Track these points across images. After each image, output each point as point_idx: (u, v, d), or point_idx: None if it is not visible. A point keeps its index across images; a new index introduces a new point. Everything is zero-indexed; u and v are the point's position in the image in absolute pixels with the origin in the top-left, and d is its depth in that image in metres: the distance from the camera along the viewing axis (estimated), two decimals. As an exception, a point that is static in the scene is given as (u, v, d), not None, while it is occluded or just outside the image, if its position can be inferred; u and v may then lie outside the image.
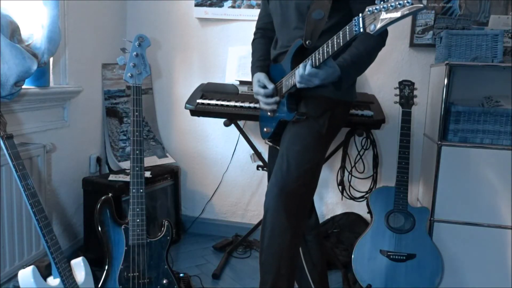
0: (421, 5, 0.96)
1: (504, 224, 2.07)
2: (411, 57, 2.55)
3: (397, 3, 0.99)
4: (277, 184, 1.50)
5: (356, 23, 1.11)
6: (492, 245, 2.09)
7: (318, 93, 1.52)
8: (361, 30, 1.10)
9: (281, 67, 1.58)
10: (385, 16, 1.02)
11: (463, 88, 2.38)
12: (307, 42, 1.42)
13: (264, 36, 1.79)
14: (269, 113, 1.64)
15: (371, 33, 1.06)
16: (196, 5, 2.74)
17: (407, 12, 0.98)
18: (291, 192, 1.49)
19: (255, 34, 1.83)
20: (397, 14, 0.99)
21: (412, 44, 2.52)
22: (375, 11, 1.04)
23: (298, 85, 1.40)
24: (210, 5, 2.72)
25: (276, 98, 1.57)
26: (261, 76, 1.62)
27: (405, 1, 0.97)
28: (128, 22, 2.89)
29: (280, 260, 1.51)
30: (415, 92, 2.10)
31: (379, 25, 1.04)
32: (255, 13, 2.64)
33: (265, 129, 1.72)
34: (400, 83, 2.11)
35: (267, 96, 1.59)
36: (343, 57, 1.43)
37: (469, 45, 2.11)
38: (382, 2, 1.03)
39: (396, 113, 2.45)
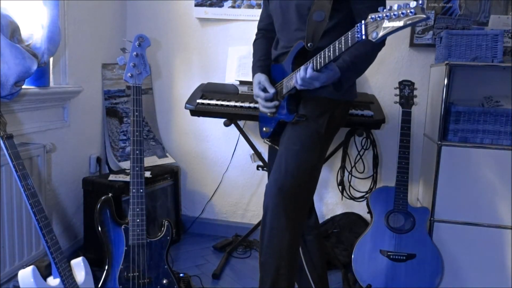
0: (424, 16, 0.97)
1: (504, 224, 2.07)
2: (411, 57, 2.55)
3: (400, 12, 0.99)
4: (275, 184, 1.50)
5: (358, 30, 1.11)
6: (492, 245, 2.09)
7: (318, 94, 1.53)
8: (363, 37, 1.10)
9: (282, 68, 1.58)
10: (387, 24, 1.02)
11: (463, 88, 2.38)
12: (308, 45, 1.42)
13: (266, 37, 1.79)
14: (269, 114, 1.64)
15: (373, 40, 1.06)
16: (196, 5, 2.74)
17: (410, 22, 0.98)
18: (290, 192, 1.49)
19: (256, 34, 1.83)
20: (400, 23, 1.00)
21: (412, 44, 2.52)
22: (378, 19, 1.04)
23: (298, 87, 1.41)
24: (210, 5, 2.72)
25: (276, 103, 1.58)
26: (262, 78, 1.62)
27: (409, 11, 0.98)
28: (128, 22, 2.89)
29: (279, 260, 1.51)
30: (415, 92, 2.10)
31: (381, 33, 1.04)
32: (255, 13, 2.64)
33: (264, 129, 1.72)
34: (400, 83, 2.11)
35: (267, 100, 1.59)
36: (343, 58, 1.43)
37: (469, 45, 2.11)
38: (385, 10, 1.03)
39: (396, 113, 2.45)
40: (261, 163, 2.47)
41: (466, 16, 2.39)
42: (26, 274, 1.40)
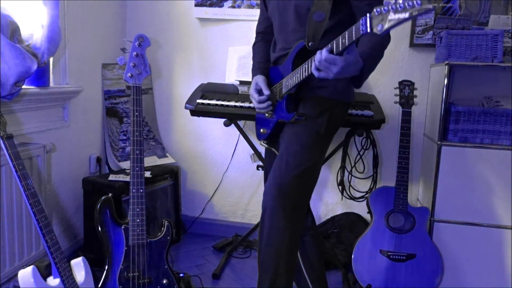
0: (430, 6, 0.96)
1: (504, 224, 2.07)
2: (411, 57, 2.55)
3: (406, 3, 0.99)
4: (274, 183, 1.50)
5: (363, 23, 1.11)
6: (492, 245, 2.09)
7: (317, 94, 1.53)
8: (368, 30, 1.09)
9: (280, 69, 1.58)
10: (393, 16, 1.02)
11: (463, 88, 2.38)
12: (309, 44, 1.42)
13: (264, 40, 1.79)
14: (266, 114, 1.65)
15: (378, 33, 1.06)
16: (196, 5, 2.74)
17: (416, 13, 0.97)
18: (289, 191, 1.49)
19: (255, 38, 1.84)
20: (406, 15, 0.99)
21: (412, 44, 2.52)
22: (383, 11, 1.04)
23: (316, 75, 1.30)
24: (210, 5, 2.72)
25: (269, 103, 1.59)
26: (260, 80, 1.63)
27: (415, 2, 0.97)
28: (128, 22, 2.89)
29: (278, 259, 1.51)
30: (415, 92, 2.10)
31: (386, 25, 1.03)
32: (255, 13, 2.64)
33: (261, 130, 1.72)
34: (400, 83, 2.11)
35: (260, 102, 1.61)
36: (361, 48, 1.38)
37: (469, 45, 2.11)
38: (390, 3, 1.02)
39: (396, 113, 2.45)
40: (261, 163, 2.47)
41: (466, 16, 2.39)
42: (26, 274, 1.40)
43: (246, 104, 2.20)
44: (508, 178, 2.05)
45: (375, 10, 1.06)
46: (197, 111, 2.26)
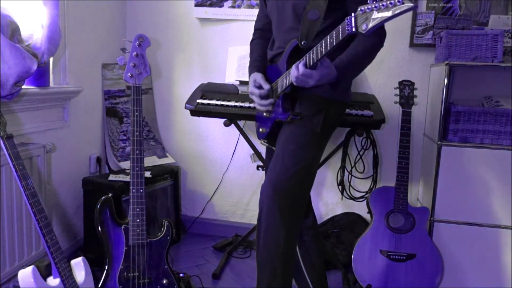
0: (411, 5, 0.97)
1: (504, 224, 2.07)
2: (411, 57, 2.55)
3: (388, 2, 1.00)
4: (270, 183, 1.49)
5: (348, 23, 1.12)
6: (492, 245, 2.09)
7: (313, 93, 1.53)
8: (353, 29, 1.11)
9: (277, 68, 1.58)
10: (376, 15, 1.03)
11: (463, 88, 2.38)
12: (302, 43, 1.42)
13: (262, 37, 1.79)
14: (264, 114, 1.64)
15: (363, 32, 1.07)
16: (196, 5, 2.74)
17: (398, 11, 0.99)
18: (285, 191, 1.49)
19: (253, 34, 1.84)
20: (388, 14, 1.01)
21: (412, 44, 2.52)
22: (367, 10, 1.05)
23: (294, 83, 1.40)
24: (210, 5, 2.72)
25: (271, 100, 1.58)
26: (257, 76, 1.62)
27: (396, 1, 0.98)
28: (128, 22, 2.89)
29: (275, 259, 1.51)
30: (415, 92, 2.10)
31: (370, 24, 1.05)
32: (255, 13, 2.62)
33: (260, 130, 1.72)
34: (400, 83, 2.11)
35: (262, 97, 1.59)
36: (340, 57, 1.43)
37: (469, 45, 2.11)
38: (374, 2, 1.03)
39: (396, 113, 2.45)
40: (261, 163, 2.47)
41: (466, 16, 2.39)
42: (26, 274, 1.40)
43: (246, 104, 2.20)
44: (508, 178, 2.05)
45: (359, 9, 1.08)
46: (197, 111, 2.26)
